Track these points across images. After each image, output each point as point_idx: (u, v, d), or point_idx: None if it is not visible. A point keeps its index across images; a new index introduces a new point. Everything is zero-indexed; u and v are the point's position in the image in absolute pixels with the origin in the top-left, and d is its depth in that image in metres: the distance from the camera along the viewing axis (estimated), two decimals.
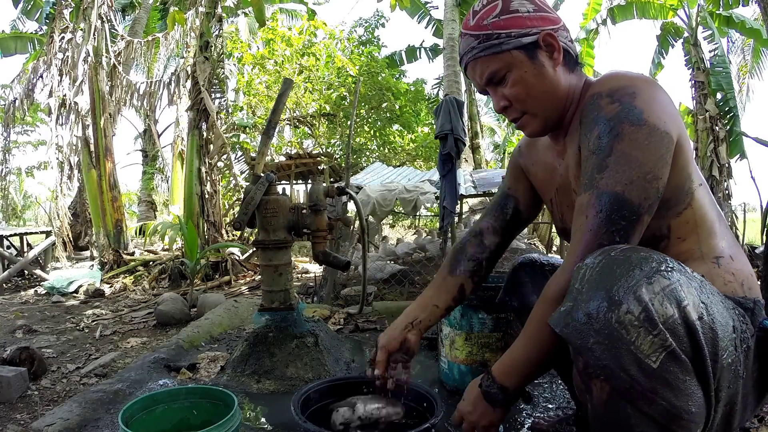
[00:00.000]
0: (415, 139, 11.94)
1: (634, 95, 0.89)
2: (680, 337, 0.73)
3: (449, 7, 9.62)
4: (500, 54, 0.98)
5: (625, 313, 0.72)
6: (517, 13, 0.98)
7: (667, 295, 0.73)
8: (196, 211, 5.97)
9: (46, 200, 14.86)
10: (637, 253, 0.79)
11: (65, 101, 6.52)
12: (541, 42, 0.98)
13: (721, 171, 7.60)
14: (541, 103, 1.01)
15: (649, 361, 0.72)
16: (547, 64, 0.99)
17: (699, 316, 0.75)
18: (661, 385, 0.73)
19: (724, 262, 0.93)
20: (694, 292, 0.76)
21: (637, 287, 0.73)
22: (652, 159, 0.87)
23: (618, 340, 0.72)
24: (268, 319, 2.02)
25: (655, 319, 0.72)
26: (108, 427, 1.51)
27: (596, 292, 0.75)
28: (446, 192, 3.98)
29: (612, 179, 0.87)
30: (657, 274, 0.75)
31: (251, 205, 1.94)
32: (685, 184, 0.94)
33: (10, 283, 5.87)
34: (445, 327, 1.74)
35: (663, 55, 9.13)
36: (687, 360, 0.73)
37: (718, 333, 0.76)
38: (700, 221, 0.95)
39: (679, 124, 0.92)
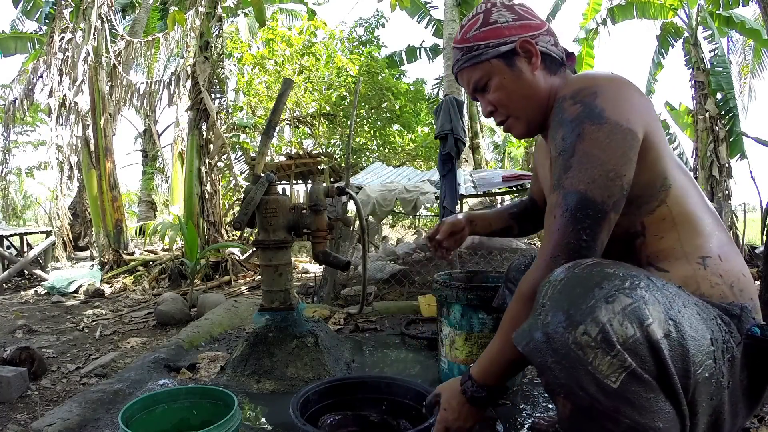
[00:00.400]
0: (415, 139, 11.94)
1: (596, 95, 0.91)
2: (642, 357, 0.72)
3: (449, 7, 9.62)
4: (481, 63, 1.06)
5: (581, 335, 0.72)
6: (495, 24, 1.05)
7: (627, 315, 0.72)
8: (196, 211, 5.97)
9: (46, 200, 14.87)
10: (601, 269, 0.78)
11: (65, 101, 6.52)
12: (518, 49, 1.03)
13: (721, 171, 7.59)
14: (522, 106, 1.07)
15: (608, 381, 0.72)
16: (526, 69, 1.04)
17: (665, 333, 0.73)
18: (623, 404, 0.72)
19: (712, 262, 0.92)
20: (661, 309, 0.74)
21: (596, 308, 0.73)
22: (613, 157, 0.88)
23: (576, 360, 0.73)
24: (268, 319, 2.02)
25: (613, 340, 0.71)
26: (108, 427, 1.51)
27: (556, 312, 0.76)
28: (446, 192, 3.98)
29: (575, 179, 0.89)
30: (619, 293, 0.74)
31: (251, 205, 1.94)
32: (657, 180, 0.94)
33: (10, 283, 5.87)
34: (445, 327, 1.75)
35: (663, 55, 9.12)
36: (651, 379, 0.73)
37: (690, 348, 0.74)
38: (679, 219, 0.94)
39: (647, 119, 0.92)
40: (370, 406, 1.42)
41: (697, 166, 7.99)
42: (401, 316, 3.12)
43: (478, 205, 8.54)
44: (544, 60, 1.05)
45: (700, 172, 7.84)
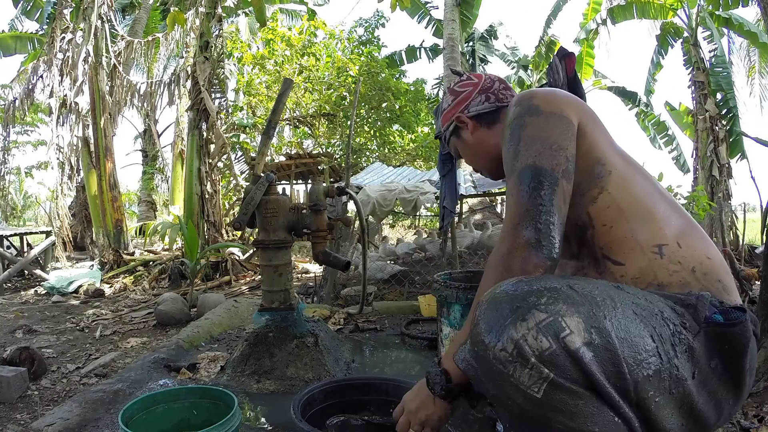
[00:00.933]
0: (415, 139, 11.93)
1: (532, 98, 1.05)
2: (561, 367, 0.75)
3: (449, 7, 9.61)
4: (448, 142, 1.38)
5: (500, 351, 0.78)
6: (444, 111, 1.35)
7: (542, 329, 0.76)
8: (196, 211, 5.97)
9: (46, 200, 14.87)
10: (522, 286, 0.82)
11: (65, 101, 6.52)
12: (458, 125, 1.30)
13: (721, 171, 7.59)
14: (478, 161, 1.32)
15: (531, 391, 0.76)
16: (467, 135, 1.29)
17: (586, 341, 0.76)
18: (552, 411, 0.76)
19: (669, 250, 0.93)
20: (580, 319, 0.77)
21: (510, 325, 0.78)
22: (553, 134, 0.98)
23: (499, 374, 0.79)
24: (268, 319, 2.02)
25: (527, 354, 0.76)
26: (108, 427, 1.51)
27: (481, 331, 0.82)
28: (446, 192, 3.97)
29: (524, 157, 0.98)
30: (534, 309, 0.78)
31: (251, 205, 1.94)
32: (594, 168, 1.00)
33: (10, 283, 5.87)
34: (445, 327, 1.75)
35: (662, 55, 9.12)
36: (575, 386, 0.75)
37: (620, 351, 0.76)
38: (625, 205, 0.97)
39: (581, 112, 1.03)
40: (374, 408, 1.41)
41: (697, 166, 7.99)
42: (401, 316, 3.12)
43: (477, 204, 8.55)
44: (479, 119, 1.27)
45: (700, 172, 7.84)
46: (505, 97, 1.28)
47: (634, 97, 10.64)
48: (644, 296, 0.86)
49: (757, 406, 1.63)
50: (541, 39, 10.72)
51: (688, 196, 4.93)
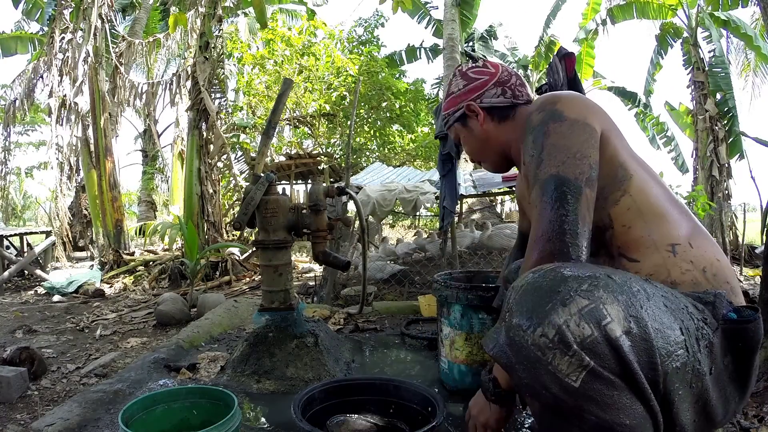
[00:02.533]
0: (415, 139, 11.93)
1: (555, 103, 1.05)
2: (601, 355, 0.74)
3: (449, 8, 9.61)
4: (450, 128, 1.34)
5: (540, 336, 0.76)
6: (453, 94, 1.30)
7: (584, 316, 0.75)
8: (196, 211, 5.97)
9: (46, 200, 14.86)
10: (559, 272, 0.81)
11: (65, 101, 6.52)
12: (466, 112, 1.26)
13: (720, 171, 7.59)
14: (481, 154, 1.31)
15: (569, 380, 0.74)
16: (475, 126, 1.26)
17: (625, 330, 0.75)
18: (587, 401, 0.75)
19: (681, 249, 0.95)
20: (620, 307, 0.76)
21: (552, 310, 0.76)
22: (577, 142, 0.98)
23: (537, 361, 0.76)
24: (268, 319, 2.02)
25: (569, 340, 0.74)
26: (108, 427, 1.51)
27: (517, 315, 0.80)
28: (446, 192, 3.98)
29: (547, 166, 0.99)
30: (575, 295, 0.76)
31: (251, 205, 1.94)
32: (617, 172, 1.01)
33: (10, 283, 5.87)
34: (445, 327, 1.75)
35: (662, 55, 9.12)
36: (613, 376, 0.74)
37: (655, 342, 0.76)
38: (643, 207, 0.99)
39: (603, 120, 1.04)
40: (376, 408, 1.41)
41: (697, 166, 7.99)
42: (401, 316, 3.12)
43: (477, 204, 8.55)
44: (491, 112, 1.24)
45: (700, 172, 7.84)
46: (521, 95, 1.25)
47: (634, 98, 10.64)
48: (670, 291, 0.87)
49: (757, 406, 1.64)
50: (541, 39, 10.72)
51: (688, 195, 4.93)
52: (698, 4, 8.01)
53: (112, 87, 6.70)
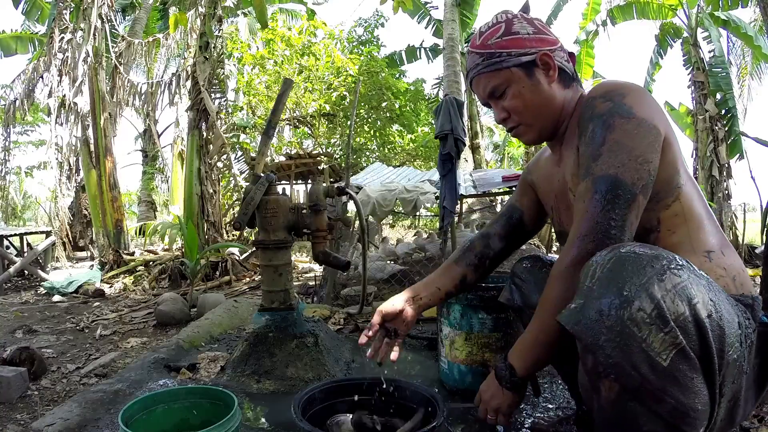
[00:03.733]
0: (415, 139, 11.93)
1: (624, 95, 0.98)
2: (690, 335, 0.74)
3: (449, 7, 9.62)
4: (501, 70, 1.09)
5: (637, 311, 0.73)
6: (518, 34, 1.09)
7: (678, 293, 0.74)
8: (196, 211, 5.97)
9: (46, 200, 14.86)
10: (646, 249, 0.80)
11: (65, 101, 6.52)
12: (538, 61, 1.08)
13: (721, 171, 7.59)
14: (535, 115, 1.11)
15: (659, 359, 0.73)
16: (543, 80, 1.09)
17: (708, 313, 0.75)
18: (671, 383, 0.74)
19: (715, 256, 0.95)
20: (704, 290, 0.77)
21: (649, 284, 0.74)
22: (641, 145, 0.93)
23: (630, 337, 0.73)
24: (268, 319, 2.02)
25: (667, 316, 0.73)
26: (108, 427, 1.51)
27: (608, 290, 0.77)
28: (446, 192, 3.98)
29: (606, 164, 0.94)
30: (668, 272, 0.76)
31: (251, 205, 1.94)
32: (674, 178, 0.99)
33: (10, 283, 5.87)
34: (445, 327, 1.74)
35: (661, 55, 9.13)
36: (695, 358, 0.74)
37: (726, 330, 0.77)
38: (689, 215, 0.98)
39: (666, 122, 0.99)
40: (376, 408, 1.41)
41: (697, 166, 7.99)
42: None
43: (477, 204, 8.54)
44: (560, 74, 1.10)
45: (700, 172, 7.84)
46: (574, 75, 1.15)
47: None
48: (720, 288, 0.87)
49: (758, 406, 1.63)
50: None
51: None
52: (698, 4, 8.02)
53: (112, 87, 6.70)
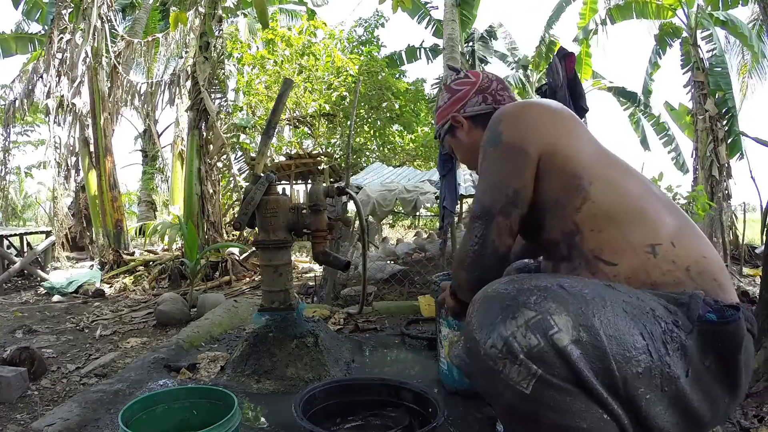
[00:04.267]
0: (415, 139, 11.92)
1: (500, 122, 1.10)
2: (550, 363, 0.77)
3: (449, 8, 9.60)
4: (442, 140, 1.38)
5: (490, 347, 0.81)
6: (440, 108, 1.36)
7: (530, 327, 0.79)
8: (196, 211, 5.97)
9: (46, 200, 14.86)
10: (512, 285, 0.86)
11: (63, 102, 6.52)
12: (453, 123, 1.32)
13: (720, 171, 7.59)
14: (471, 161, 1.33)
15: (520, 387, 0.79)
16: (462, 135, 1.31)
17: (574, 339, 0.78)
18: (541, 407, 0.79)
19: (662, 249, 0.94)
20: (569, 317, 0.79)
21: (500, 323, 0.81)
22: (501, 171, 1.07)
23: (490, 370, 0.82)
24: (268, 320, 2.02)
25: (516, 351, 0.78)
26: (108, 427, 1.51)
27: (474, 328, 0.86)
28: (446, 192, 3.97)
29: (477, 190, 1.11)
30: (523, 307, 0.81)
31: (251, 205, 1.94)
32: (571, 183, 1.03)
33: (10, 283, 5.87)
34: (444, 328, 1.75)
35: (660, 55, 9.13)
36: (564, 383, 0.77)
37: (609, 348, 0.78)
38: (613, 211, 0.99)
39: (549, 134, 1.07)
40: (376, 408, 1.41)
41: (697, 166, 7.99)
42: (401, 316, 3.12)
43: None
44: (474, 120, 1.29)
45: (700, 172, 7.84)
46: (503, 99, 1.29)
47: (633, 97, 10.65)
48: (636, 295, 0.87)
49: (757, 406, 1.63)
50: (542, 39, 10.72)
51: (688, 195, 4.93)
52: (697, 3, 8.02)
53: (112, 87, 6.70)
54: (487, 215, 1.05)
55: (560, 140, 1.06)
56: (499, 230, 1.05)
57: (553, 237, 1.06)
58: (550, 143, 1.06)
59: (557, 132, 1.08)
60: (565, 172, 1.04)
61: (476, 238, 1.06)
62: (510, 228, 1.05)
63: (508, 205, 1.05)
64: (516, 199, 1.05)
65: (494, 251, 1.05)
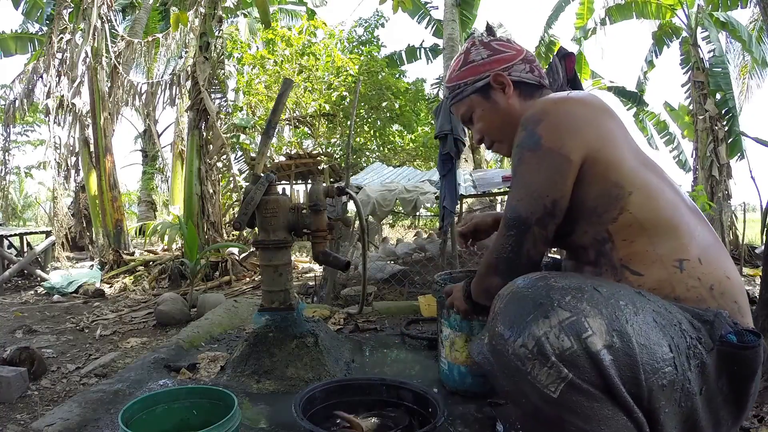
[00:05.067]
0: (415, 139, 11.93)
1: (538, 122, 1.02)
2: (581, 368, 0.75)
3: (449, 8, 9.62)
4: (462, 100, 1.22)
5: (519, 347, 0.78)
6: (472, 63, 1.20)
7: (564, 329, 0.76)
8: (196, 211, 5.97)
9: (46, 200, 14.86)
10: (545, 283, 0.83)
11: (63, 102, 6.52)
12: (492, 82, 1.17)
13: (720, 171, 7.59)
14: (501, 132, 1.19)
15: (548, 391, 0.76)
16: (501, 99, 1.17)
17: (607, 344, 0.75)
18: (567, 412, 0.76)
19: (689, 265, 0.92)
20: (603, 321, 0.77)
21: (533, 321, 0.78)
22: (539, 179, 1.00)
23: (516, 371, 0.78)
24: (268, 319, 2.02)
25: (548, 352, 0.75)
26: (108, 427, 1.51)
27: (500, 325, 0.82)
28: (446, 192, 3.98)
29: (512, 196, 1.05)
30: (558, 308, 0.78)
31: (251, 205, 1.94)
32: (611, 192, 0.98)
33: (10, 283, 5.87)
34: (445, 328, 1.74)
35: (656, 54, 9.13)
36: (593, 388, 0.75)
37: (639, 357, 0.76)
38: (648, 223, 0.96)
39: (591, 138, 0.99)
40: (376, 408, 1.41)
41: (697, 166, 7.99)
42: (401, 316, 3.12)
43: (477, 204, 8.54)
44: (519, 87, 1.17)
45: (700, 172, 7.84)
46: (544, 79, 1.21)
47: (634, 97, 10.65)
48: (664, 305, 0.85)
49: (757, 406, 1.63)
50: (542, 39, 10.71)
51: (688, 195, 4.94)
52: (697, 3, 8.02)
53: (112, 87, 6.70)
54: (524, 225, 1.01)
55: (604, 146, 1.00)
56: (534, 240, 1.01)
57: (583, 242, 1.03)
58: (594, 149, 0.99)
59: (599, 135, 1.01)
60: (606, 180, 0.99)
61: (510, 246, 1.02)
62: (546, 238, 1.02)
63: (545, 215, 1.00)
64: (554, 210, 1.00)
65: (529, 260, 1.02)
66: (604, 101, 1.09)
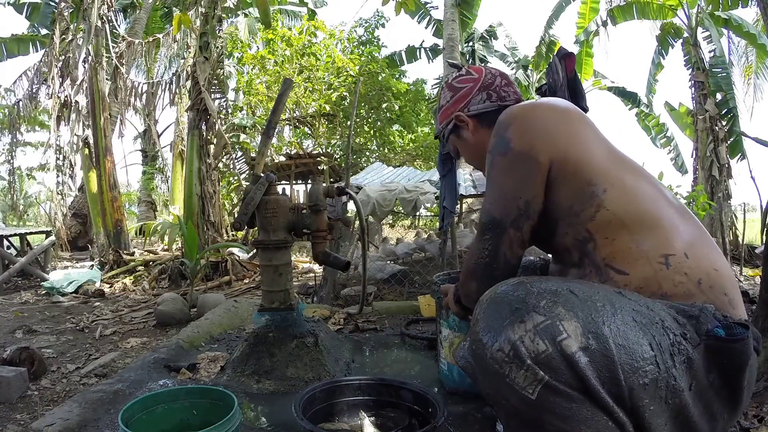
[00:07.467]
0: (415, 139, 11.93)
1: (507, 127, 1.06)
2: (557, 370, 0.76)
3: (449, 8, 9.61)
4: (446, 139, 1.35)
5: (497, 351, 0.80)
6: (443, 107, 1.32)
7: (539, 332, 0.77)
8: (196, 211, 5.97)
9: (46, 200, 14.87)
10: (522, 287, 0.84)
11: (65, 102, 6.53)
12: (457, 123, 1.28)
13: (721, 171, 7.59)
14: (478, 161, 1.29)
15: (526, 393, 0.78)
16: (467, 135, 1.28)
17: (583, 346, 0.76)
18: (545, 413, 0.78)
19: (676, 260, 0.91)
20: (578, 324, 0.77)
21: (509, 326, 0.80)
22: (510, 182, 1.04)
23: (495, 374, 0.81)
24: (268, 320, 2.02)
25: (523, 355, 0.77)
26: (108, 427, 1.51)
27: (480, 330, 0.84)
28: (446, 192, 3.97)
29: (486, 199, 1.08)
30: (532, 312, 0.79)
31: (251, 205, 1.94)
32: (585, 189, 1.00)
33: (10, 283, 5.87)
34: (444, 329, 1.75)
35: (663, 55, 9.12)
36: (570, 390, 0.76)
37: (617, 357, 0.76)
38: (628, 219, 0.96)
39: (561, 140, 1.02)
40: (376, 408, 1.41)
41: (697, 166, 7.99)
42: (401, 316, 3.12)
43: (477, 204, 8.55)
44: (479, 118, 1.25)
45: (700, 172, 7.85)
46: (507, 95, 1.25)
47: (634, 98, 10.65)
48: (646, 304, 0.85)
49: (757, 406, 1.63)
50: (542, 39, 10.72)
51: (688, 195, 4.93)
52: (698, 3, 8.02)
53: (113, 87, 6.71)
54: (499, 227, 1.03)
55: (571, 145, 1.02)
56: (510, 242, 1.04)
57: (565, 243, 1.03)
58: (561, 149, 1.02)
59: (568, 136, 1.03)
60: (578, 179, 1.00)
61: (487, 250, 1.05)
62: (521, 239, 1.04)
63: (519, 216, 1.02)
64: (528, 211, 1.02)
65: (506, 263, 1.04)
66: (575, 107, 1.13)
